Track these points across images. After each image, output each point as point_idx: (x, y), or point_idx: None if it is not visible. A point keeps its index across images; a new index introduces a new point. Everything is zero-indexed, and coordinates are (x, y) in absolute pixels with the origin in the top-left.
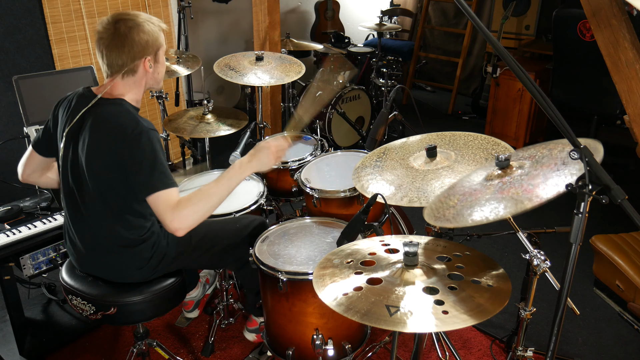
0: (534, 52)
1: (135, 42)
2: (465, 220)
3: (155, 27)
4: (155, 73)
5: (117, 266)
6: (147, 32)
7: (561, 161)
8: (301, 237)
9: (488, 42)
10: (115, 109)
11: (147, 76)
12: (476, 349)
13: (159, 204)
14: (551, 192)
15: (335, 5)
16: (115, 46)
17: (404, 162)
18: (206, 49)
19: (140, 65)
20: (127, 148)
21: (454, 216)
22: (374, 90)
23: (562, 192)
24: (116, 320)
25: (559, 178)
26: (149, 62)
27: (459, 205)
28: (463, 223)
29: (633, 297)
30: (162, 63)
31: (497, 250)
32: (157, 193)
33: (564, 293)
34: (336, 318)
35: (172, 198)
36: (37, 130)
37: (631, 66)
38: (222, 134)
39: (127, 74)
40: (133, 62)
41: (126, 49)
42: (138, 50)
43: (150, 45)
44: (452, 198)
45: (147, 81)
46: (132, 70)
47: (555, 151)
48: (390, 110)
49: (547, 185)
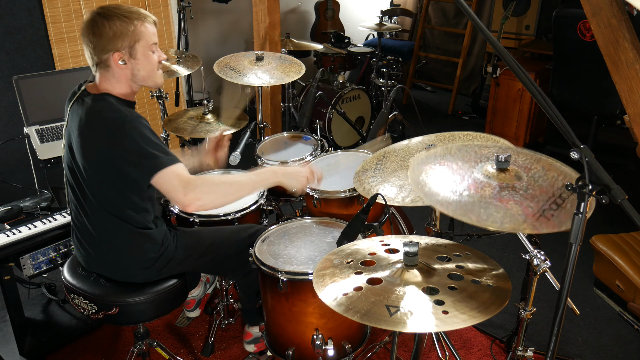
0: (534, 52)
1: (102, 35)
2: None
3: (132, 20)
4: (135, 69)
5: (122, 265)
6: (116, 25)
7: (558, 194)
8: (301, 237)
9: (488, 42)
10: (99, 104)
11: (125, 72)
12: (476, 349)
13: (166, 181)
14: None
15: (335, 5)
16: (87, 39)
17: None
18: (206, 49)
19: (110, 60)
20: (115, 141)
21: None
22: (374, 90)
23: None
24: (118, 320)
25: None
26: (120, 56)
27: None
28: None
29: (633, 297)
30: (147, 59)
31: (497, 250)
32: (160, 172)
33: (564, 293)
34: (336, 318)
35: (178, 172)
36: (37, 131)
37: (631, 66)
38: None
39: (100, 67)
40: (100, 56)
41: (93, 43)
42: (104, 44)
43: (118, 38)
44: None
45: (130, 77)
46: (104, 65)
47: (550, 174)
48: (390, 110)
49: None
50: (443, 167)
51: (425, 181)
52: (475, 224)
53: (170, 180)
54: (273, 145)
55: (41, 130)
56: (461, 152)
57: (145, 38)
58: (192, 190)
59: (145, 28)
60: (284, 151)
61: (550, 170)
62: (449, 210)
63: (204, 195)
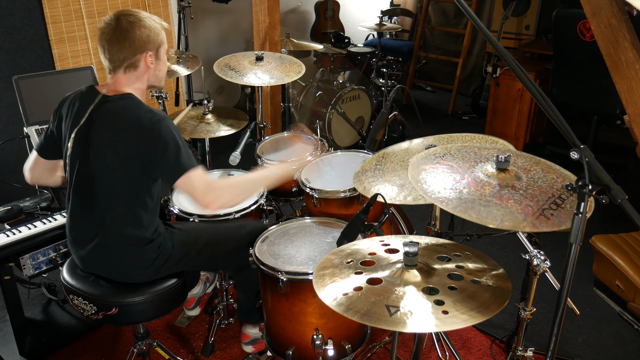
0: (534, 52)
1: (137, 36)
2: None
3: (157, 24)
4: (157, 70)
5: (122, 265)
6: (149, 27)
7: (557, 195)
8: (301, 237)
9: (488, 42)
10: (126, 103)
11: (148, 72)
12: (476, 349)
13: (193, 182)
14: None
15: (335, 5)
16: (117, 40)
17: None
18: (206, 49)
19: (141, 60)
20: (147, 139)
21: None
22: (374, 90)
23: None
24: (117, 321)
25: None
26: (151, 57)
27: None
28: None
29: (633, 297)
30: (164, 61)
31: (497, 250)
32: (188, 173)
33: (564, 293)
34: (336, 318)
35: (202, 175)
36: (37, 131)
37: (631, 66)
38: (222, 134)
39: (128, 68)
40: (134, 56)
41: (127, 43)
42: (139, 45)
43: (151, 40)
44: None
45: (149, 78)
46: (133, 65)
47: (550, 176)
48: (390, 110)
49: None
50: (443, 165)
51: (425, 179)
52: (475, 221)
53: (194, 182)
54: (273, 145)
55: (41, 130)
56: (461, 152)
57: (165, 42)
58: (212, 192)
59: (164, 33)
60: (284, 151)
61: (550, 172)
62: (449, 208)
63: (222, 195)
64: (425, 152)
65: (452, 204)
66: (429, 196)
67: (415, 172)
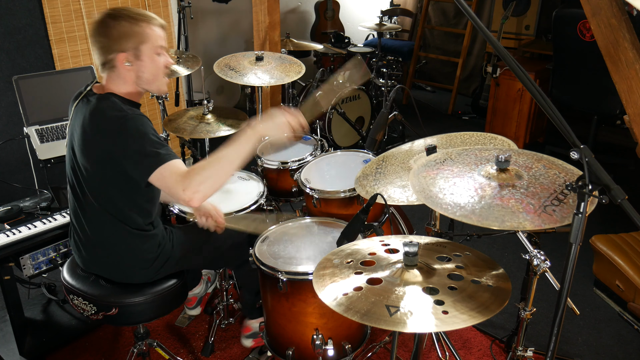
0: (534, 52)
1: (109, 35)
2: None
3: (140, 22)
4: (140, 71)
5: (121, 266)
6: (123, 25)
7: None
8: (301, 237)
9: (488, 42)
10: (102, 103)
11: (130, 73)
12: (476, 349)
13: (165, 178)
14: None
15: (335, 5)
16: (94, 39)
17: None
18: (206, 49)
19: (115, 60)
20: (117, 139)
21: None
22: (374, 90)
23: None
24: (117, 321)
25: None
26: (125, 58)
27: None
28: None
29: (633, 297)
30: (150, 62)
31: (497, 250)
32: (159, 169)
33: (564, 293)
34: (336, 318)
35: (177, 169)
36: (37, 131)
37: (631, 66)
38: (222, 134)
39: (105, 68)
40: (106, 56)
41: (100, 43)
42: (111, 44)
43: (124, 39)
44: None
45: (134, 78)
46: (110, 65)
47: (552, 172)
48: (390, 110)
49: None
50: (444, 171)
51: (427, 187)
52: (476, 224)
53: (168, 177)
54: (273, 145)
55: (41, 130)
56: (461, 156)
57: (151, 40)
58: (189, 185)
59: (151, 30)
60: (284, 151)
61: (552, 168)
62: (450, 214)
63: (200, 186)
64: (425, 159)
65: (454, 209)
66: (432, 204)
67: (416, 182)
